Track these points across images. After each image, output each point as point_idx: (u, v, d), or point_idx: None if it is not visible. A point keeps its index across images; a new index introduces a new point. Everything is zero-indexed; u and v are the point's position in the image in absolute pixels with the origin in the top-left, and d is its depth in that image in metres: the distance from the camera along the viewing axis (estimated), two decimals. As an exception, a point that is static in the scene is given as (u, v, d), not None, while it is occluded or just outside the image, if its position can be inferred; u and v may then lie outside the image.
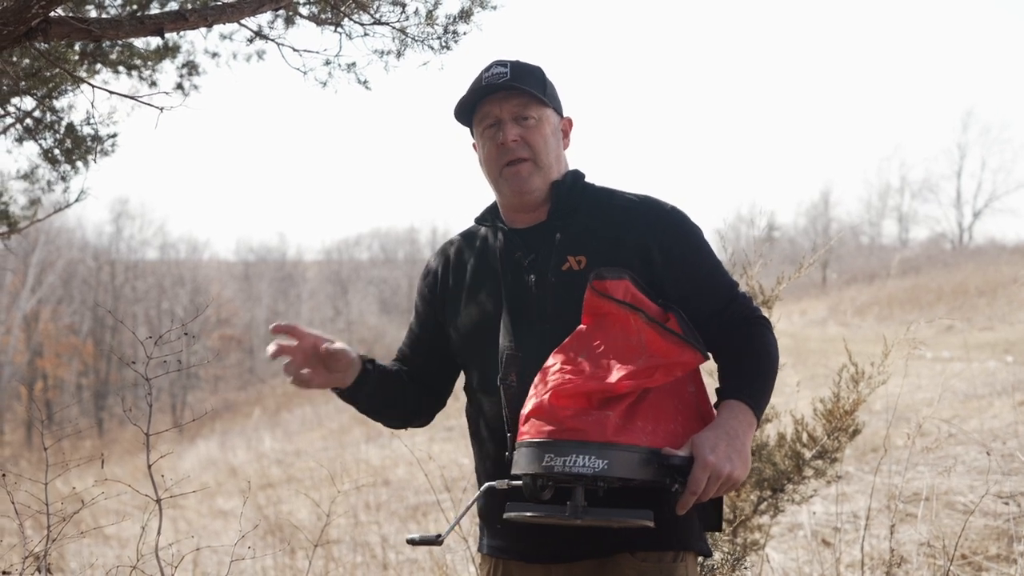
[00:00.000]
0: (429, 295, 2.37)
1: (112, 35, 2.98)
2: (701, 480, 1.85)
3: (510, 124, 2.19)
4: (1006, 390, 8.94)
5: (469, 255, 2.32)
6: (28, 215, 4.37)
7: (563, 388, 1.89)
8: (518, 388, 2.09)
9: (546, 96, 2.22)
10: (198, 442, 20.53)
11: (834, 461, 3.89)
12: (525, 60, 2.27)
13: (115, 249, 41.86)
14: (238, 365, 42.29)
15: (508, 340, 2.14)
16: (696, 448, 1.88)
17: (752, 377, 2.07)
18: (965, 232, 47.73)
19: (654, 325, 1.98)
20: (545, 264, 2.16)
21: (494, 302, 2.20)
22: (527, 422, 1.92)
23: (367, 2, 3.50)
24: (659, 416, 1.92)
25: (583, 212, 2.21)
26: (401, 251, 55.09)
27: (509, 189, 2.22)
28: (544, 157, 2.20)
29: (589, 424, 1.84)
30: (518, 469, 1.91)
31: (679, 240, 2.17)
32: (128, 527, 9.27)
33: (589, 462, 1.81)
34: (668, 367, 1.94)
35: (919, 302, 22.22)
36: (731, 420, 1.97)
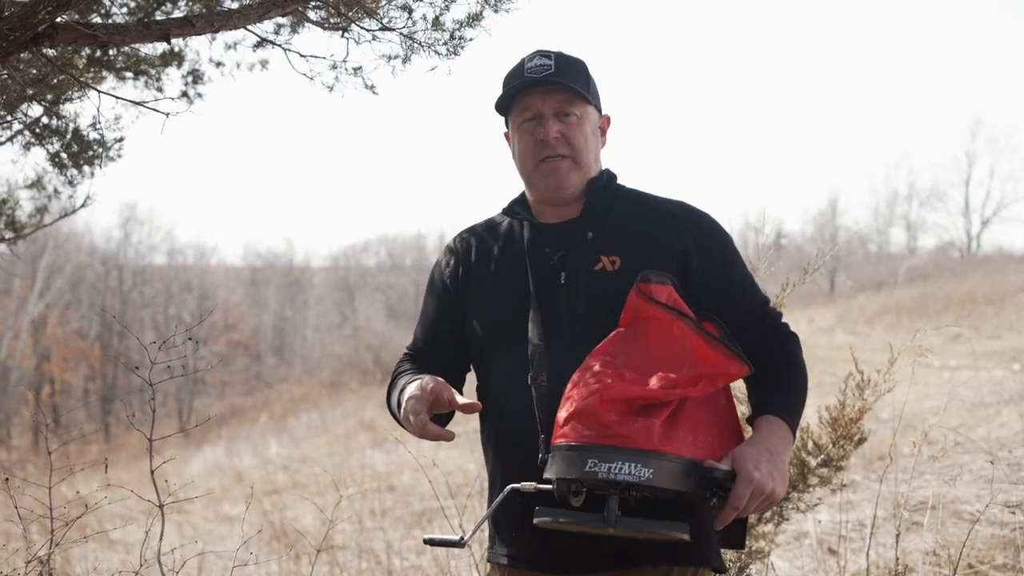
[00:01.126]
0: (450, 283, 2.27)
1: (118, 41, 2.98)
2: (744, 496, 1.81)
3: (551, 120, 2.13)
4: (1013, 399, 8.92)
5: (492, 247, 2.23)
6: (35, 222, 4.38)
7: (608, 392, 1.82)
8: (549, 388, 2.01)
9: (589, 93, 2.16)
10: (204, 447, 20.55)
11: (839, 469, 3.88)
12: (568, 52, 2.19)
13: (123, 254, 41.96)
14: (245, 370, 42.33)
15: (538, 338, 2.06)
16: (739, 463, 1.83)
17: (789, 394, 2.03)
18: (973, 240, 47.68)
19: (701, 333, 1.91)
20: (576, 262, 2.10)
21: (521, 298, 2.11)
22: (567, 424, 1.84)
23: (374, 7, 3.50)
24: (698, 427, 1.86)
25: (616, 212, 2.16)
26: (408, 257, 55.15)
27: (545, 184, 2.15)
28: (584, 155, 2.15)
29: (636, 431, 1.78)
30: (554, 473, 1.84)
31: (715, 249, 2.13)
32: (133, 532, 9.28)
33: (635, 470, 1.75)
34: (711, 377, 1.88)
35: (927, 310, 22.17)
36: (771, 436, 1.93)
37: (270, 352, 45.16)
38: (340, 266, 52.92)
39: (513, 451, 2.10)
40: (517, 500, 1.96)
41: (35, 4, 2.63)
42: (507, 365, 2.12)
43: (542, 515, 1.83)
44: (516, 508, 1.99)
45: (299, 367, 41.03)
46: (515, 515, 2.02)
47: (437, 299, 2.31)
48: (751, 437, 1.94)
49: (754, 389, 2.06)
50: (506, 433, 2.13)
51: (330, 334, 43.88)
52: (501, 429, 2.15)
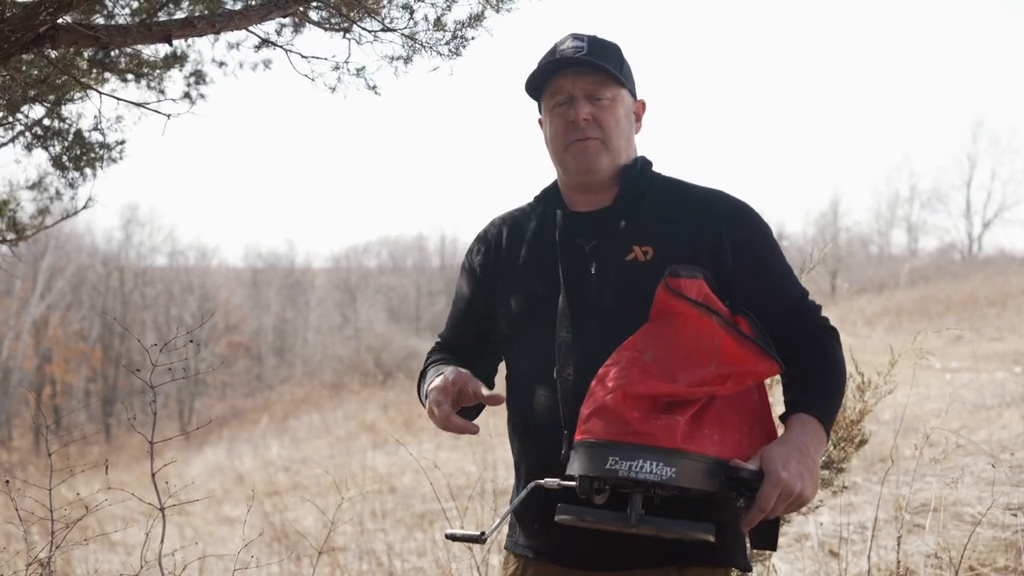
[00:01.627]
0: (480, 271, 2.24)
1: (120, 42, 2.98)
2: (771, 497, 1.76)
3: (582, 102, 2.09)
4: (1015, 401, 8.91)
5: (525, 233, 2.20)
6: (36, 224, 4.39)
7: (632, 388, 1.78)
8: (575, 382, 1.97)
9: (622, 75, 2.12)
10: (205, 449, 20.54)
11: (841, 471, 3.88)
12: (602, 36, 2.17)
13: (124, 255, 41.97)
14: (246, 372, 42.31)
15: (566, 330, 2.01)
16: (767, 463, 1.79)
17: (824, 392, 1.98)
18: (975, 242, 47.64)
19: (730, 330, 1.86)
20: (608, 252, 2.05)
21: (551, 287, 2.07)
22: (589, 420, 1.81)
23: (376, 8, 3.50)
24: (725, 425, 1.82)
25: (650, 200, 2.11)
26: (410, 259, 55.12)
27: (575, 165, 2.11)
28: (615, 139, 2.10)
29: (659, 429, 1.74)
30: (576, 470, 1.80)
31: (753, 239, 2.08)
32: (134, 534, 9.28)
33: (656, 468, 1.71)
34: (740, 376, 1.85)
35: (928, 312, 22.14)
36: (803, 436, 1.87)
37: (271, 353, 45.14)
38: (341, 267, 52.89)
39: (537, 443, 2.07)
40: (540, 494, 1.92)
41: (36, 5, 2.63)
42: (534, 355, 2.08)
43: (564, 512, 1.80)
44: (539, 502, 1.95)
45: (300, 368, 41.02)
46: (537, 509, 1.99)
47: (468, 288, 2.28)
48: (782, 436, 1.89)
49: (789, 386, 2.01)
50: (531, 425, 2.10)
51: (331, 335, 43.85)
52: (526, 420, 2.12)
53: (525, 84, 2.17)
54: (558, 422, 1.99)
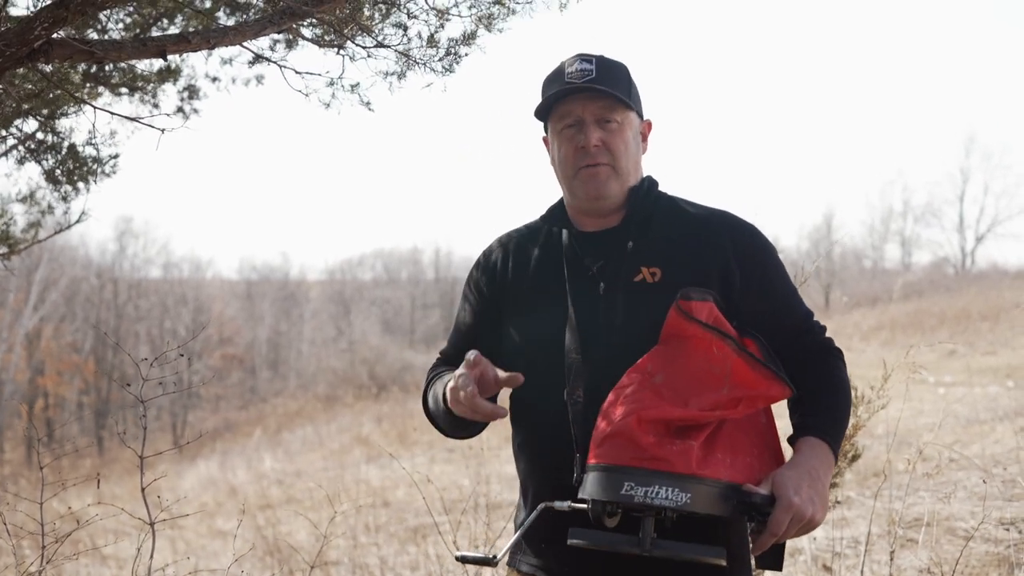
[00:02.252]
0: (487, 290, 2.21)
1: (114, 57, 2.99)
2: (783, 522, 1.76)
3: (592, 127, 2.07)
4: (1008, 415, 8.92)
5: (530, 254, 2.17)
6: (28, 237, 4.38)
7: (646, 413, 1.77)
8: (585, 403, 1.95)
9: (631, 98, 2.11)
10: (198, 461, 20.48)
11: (834, 486, 3.88)
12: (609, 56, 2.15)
13: (118, 267, 41.88)
14: (240, 384, 42.22)
15: (575, 351, 2.00)
16: (779, 488, 1.79)
17: (831, 414, 1.97)
18: (968, 257, 47.72)
19: (743, 354, 1.86)
20: (616, 273, 2.04)
21: (559, 308, 2.05)
22: (603, 445, 1.80)
23: (370, 25, 3.51)
24: (737, 448, 1.82)
25: (657, 221, 2.10)
26: (404, 271, 55.06)
27: (584, 192, 2.09)
28: (623, 163, 2.09)
29: (674, 454, 1.74)
30: (589, 494, 1.79)
31: (760, 261, 2.07)
32: (126, 547, 9.24)
33: (672, 495, 1.71)
34: (752, 399, 1.84)
35: (922, 326, 22.19)
36: (813, 459, 1.87)
37: (265, 366, 45.03)
38: (336, 280, 52.83)
39: (546, 465, 2.05)
40: (550, 514, 1.91)
41: (31, 20, 2.64)
42: (543, 377, 2.04)
43: (578, 536, 1.79)
44: (547, 521, 1.94)
45: (294, 381, 40.93)
46: (546, 529, 1.97)
47: (472, 306, 2.26)
48: (792, 460, 1.88)
49: (796, 408, 2.00)
50: (540, 445, 2.08)
51: (325, 348, 43.79)
52: (535, 441, 2.11)
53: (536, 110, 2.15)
54: (569, 444, 1.97)
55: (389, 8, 3.51)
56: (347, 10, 3.28)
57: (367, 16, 3.43)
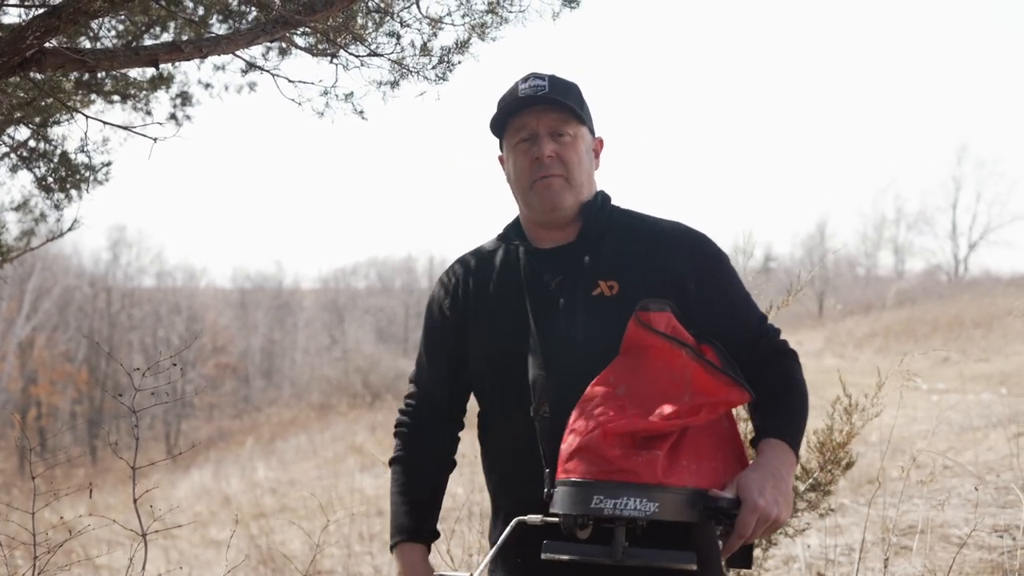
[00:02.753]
0: (451, 310, 2.24)
1: (107, 65, 2.99)
2: (750, 524, 1.81)
3: (546, 139, 2.13)
4: (1001, 422, 8.93)
5: (489, 274, 2.22)
6: (20, 246, 4.37)
7: (612, 426, 1.81)
8: (552, 419, 2.00)
9: (583, 113, 2.16)
10: (192, 471, 20.42)
11: (828, 493, 3.88)
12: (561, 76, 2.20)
13: (111, 276, 41.78)
14: (233, 393, 42.12)
15: (539, 368, 2.04)
16: (744, 491, 1.84)
17: (791, 415, 2.03)
18: (961, 264, 47.85)
19: (701, 361, 1.92)
20: (574, 288, 2.09)
21: (520, 325, 2.10)
22: (571, 459, 1.84)
23: (363, 33, 3.51)
24: (701, 454, 1.86)
25: (612, 235, 2.15)
26: (398, 280, 55.03)
27: (539, 203, 2.14)
28: (577, 175, 2.14)
29: (639, 465, 1.78)
30: (560, 508, 1.84)
31: (713, 270, 2.12)
32: (119, 557, 9.20)
33: (640, 504, 1.75)
34: (713, 405, 1.88)
35: (915, 334, 22.22)
36: (775, 460, 1.93)
37: (259, 375, 44.95)
38: (330, 288, 52.78)
39: (517, 480, 2.10)
40: (523, 529, 1.95)
41: (23, 29, 2.64)
42: (508, 394, 2.11)
43: (551, 550, 1.83)
44: (520, 537, 1.97)
45: (288, 390, 40.83)
46: (519, 544, 2.00)
47: (436, 331, 2.29)
48: (755, 462, 1.93)
49: (756, 411, 2.05)
50: (509, 462, 2.14)
51: (319, 357, 43.72)
52: (504, 458, 2.16)
53: (490, 123, 2.20)
54: (538, 459, 2.01)
55: (382, 17, 3.51)
56: (340, 19, 3.28)
57: (360, 25, 3.43)
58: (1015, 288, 29.11)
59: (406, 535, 2.21)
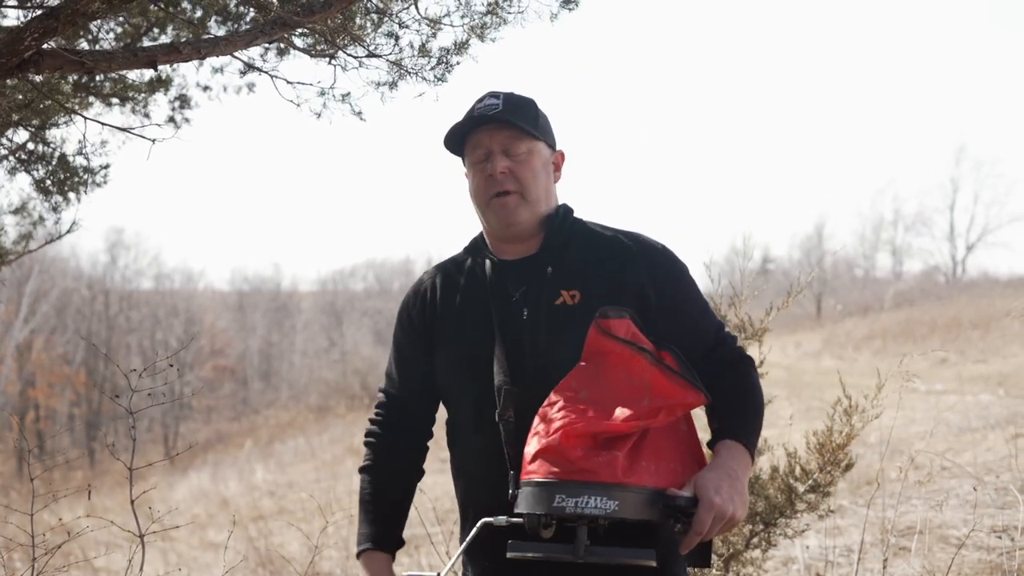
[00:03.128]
0: (419, 322, 2.32)
1: (105, 67, 2.99)
2: (707, 521, 1.87)
3: (499, 156, 2.19)
4: (999, 423, 8.94)
5: (456, 285, 2.29)
6: (19, 248, 4.37)
7: (573, 428, 1.88)
8: (516, 424, 2.07)
9: (538, 129, 2.22)
10: (190, 473, 20.41)
11: (827, 495, 3.88)
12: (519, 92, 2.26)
13: (109, 279, 41.72)
14: (231, 396, 42.09)
15: (504, 375, 2.12)
16: (700, 489, 1.90)
17: (745, 418, 2.10)
18: (958, 265, 47.89)
19: (659, 365, 1.99)
20: (538, 297, 2.15)
21: (486, 335, 2.17)
22: (534, 461, 1.91)
23: (361, 34, 3.51)
24: (660, 455, 1.93)
25: (574, 246, 2.21)
26: (396, 282, 54.97)
27: (496, 220, 2.21)
28: (532, 191, 2.20)
29: (599, 465, 1.85)
30: (524, 508, 1.90)
31: (672, 280, 2.19)
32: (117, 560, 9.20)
33: (601, 503, 1.82)
34: (671, 407, 1.95)
35: (913, 335, 22.23)
36: (730, 461, 2.00)
37: (257, 377, 44.90)
38: (328, 291, 52.76)
39: (483, 484, 2.18)
40: (490, 531, 2.02)
41: (21, 30, 2.64)
42: (474, 401, 2.18)
43: (516, 549, 1.90)
44: (488, 539, 2.04)
45: (286, 392, 40.80)
46: (488, 546, 2.07)
47: (406, 340, 2.36)
48: (712, 462, 2.00)
49: (713, 415, 2.12)
50: (476, 467, 2.21)
51: (317, 359, 43.70)
52: (471, 463, 2.24)
53: (444, 141, 2.27)
54: (503, 463, 2.08)
55: (381, 17, 3.51)
56: (339, 20, 3.28)
57: (359, 26, 3.43)
58: (1013, 289, 29.13)
59: (371, 544, 2.30)
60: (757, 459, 3.95)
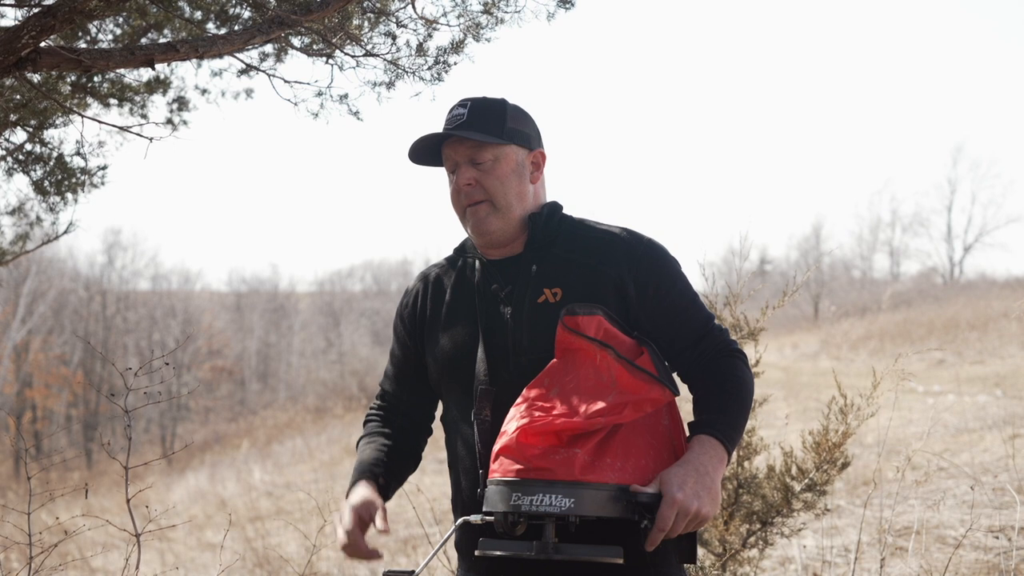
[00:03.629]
0: (410, 323, 2.35)
1: (102, 66, 2.98)
2: (669, 517, 1.86)
3: (464, 167, 2.20)
4: (997, 424, 8.94)
5: (448, 284, 2.31)
6: (17, 249, 4.37)
7: (532, 426, 1.90)
8: (492, 423, 2.09)
9: (504, 134, 2.20)
10: (187, 474, 20.39)
11: (823, 494, 3.88)
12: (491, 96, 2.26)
13: (107, 279, 41.72)
14: (229, 396, 42.07)
15: (483, 374, 2.14)
16: (664, 485, 1.89)
17: (724, 411, 2.08)
18: (956, 266, 47.92)
19: (623, 362, 1.99)
20: (521, 296, 2.16)
21: (471, 334, 2.19)
22: (496, 460, 1.93)
23: (358, 34, 3.51)
24: (629, 452, 1.93)
25: (560, 244, 2.21)
26: (394, 283, 55.02)
27: (471, 229, 2.23)
28: (501, 198, 2.20)
29: (557, 463, 1.86)
30: (489, 506, 1.93)
31: (655, 273, 2.18)
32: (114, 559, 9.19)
33: (556, 501, 1.83)
34: (637, 403, 1.95)
35: (910, 336, 22.24)
36: (701, 456, 1.97)
37: (254, 378, 44.89)
38: (325, 291, 52.76)
39: (464, 482, 2.21)
40: (472, 528, 2.06)
41: (19, 29, 2.64)
42: (459, 399, 2.21)
43: (484, 546, 1.93)
44: (472, 535, 2.08)
45: (284, 393, 40.80)
46: (472, 542, 2.08)
47: (401, 340, 2.39)
48: (682, 458, 1.99)
49: (695, 409, 2.12)
50: (460, 465, 2.24)
51: (315, 360, 43.69)
52: (456, 460, 2.26)
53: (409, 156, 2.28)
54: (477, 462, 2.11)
55: (378, 17, 3.51)
56: (336, 19, 3.28)
57: (356, 25, 3.43)
58: (1010, 290, 29.15)
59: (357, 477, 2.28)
60: (753, 458, 3.96)
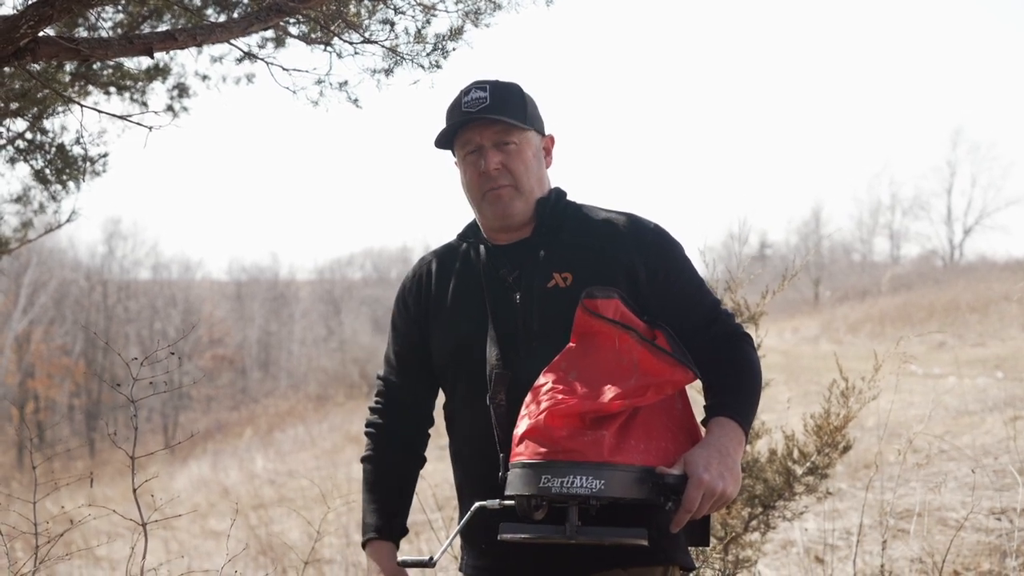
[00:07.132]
0: (414, 308, 2.34)
1: (101, 55, 2.98)
2: (696, 498, 1.87)
3: (491, 151, 2.20)
4: (998, 406, 8.95)
5: (450, 270, 2.30)
6: (19, 237, 4.38)
7: (557, 408, 1.89)
8: (507, 407, 2.09)
9: (527, 118, 2.22)
10: (190, 462, 20.45)
11: (825, 477, 3.90)
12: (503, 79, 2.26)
13: (107, 269, 41.72)
14: (230, 385, 42.10)
15: (496, 358, 2.13)
16: (689, 467, 1.90)
17: (740, 394, 2.09)
18: (956, 249, 47.86)
19: (646, 344, 2.00)
20: (530, 281, 2.17)
21: (479, 319, 2.19)
22: (521, 443, 1.92)
23: (357, 21, 3.50)
24: (651, 434, 1.93)
25: (567, 229, 2.22)
26: (394, 270, 54.96)
27: (492, 213, 2.23)
28: (525, 182, 2.21)
29: (585, 444, 1.85)
30: (513, 490, 1.92)
31: (663, 258, 2.19)
32: (119, 548, 9.23)
33: (586, 483, 1.82)
34: (659, 386, 1.96)
35: (911, 319, 22.24)
36: (722, 438, 1.99)
37: (256, 366, 44.92)
38: (326, 279, 52.74)
39: (477, 468, 2.19)
40: (484, 515, 2.03)
41: (17, 18, 2.63)
42: (468, 385, 2.21)
43: (506, 531, 1.91)
44: (482, 522, 2.05)
45: (285, 381, 40.83)
46: (483, 529, 2.08)
47: (403, 325, 2.38)
48: (703, 440, 2.01)
49: (708, 391, 2.13)
50: (469, 450, 2.23)
51: (316, 348, 43.72)
52: (465, 446, 2.26)
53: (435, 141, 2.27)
54: (494, 446, 2.11)
55: (376, 4, 3.50)
56: (334, 6, 3.28)
57: (354, 12, 3.43)
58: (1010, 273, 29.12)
59: (376, 533, 2.30)
60: (755, 442, 3.97)
